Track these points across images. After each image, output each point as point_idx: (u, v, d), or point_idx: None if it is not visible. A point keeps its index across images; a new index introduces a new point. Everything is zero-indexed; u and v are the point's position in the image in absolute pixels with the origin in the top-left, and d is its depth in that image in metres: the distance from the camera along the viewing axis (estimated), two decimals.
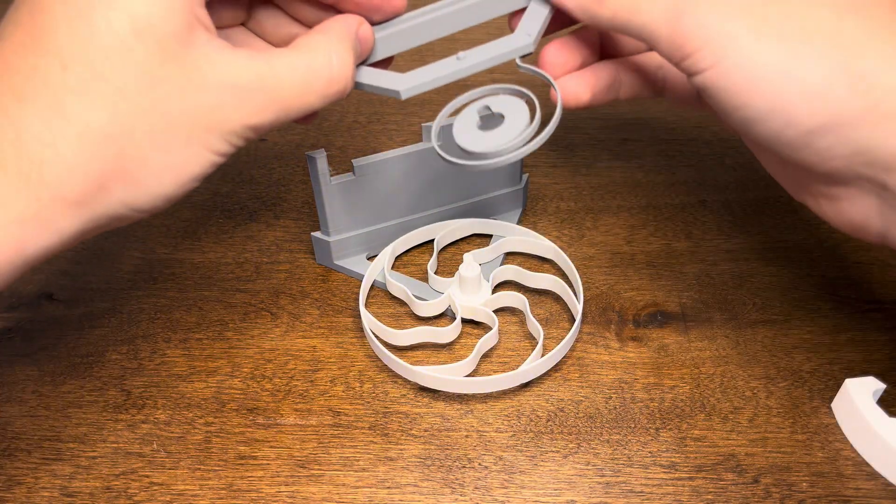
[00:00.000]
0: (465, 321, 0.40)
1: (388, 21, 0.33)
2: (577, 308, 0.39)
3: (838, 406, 0.35)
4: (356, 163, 0.39)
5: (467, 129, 0.31)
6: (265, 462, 0.35)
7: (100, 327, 0.40)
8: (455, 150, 0.32)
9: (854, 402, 0.34)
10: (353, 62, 0.31)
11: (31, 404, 0.37)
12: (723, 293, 0.41)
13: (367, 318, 0.38)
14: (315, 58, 0.29)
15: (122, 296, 0.42)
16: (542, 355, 0.37)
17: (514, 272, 0.41)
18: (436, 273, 0.41)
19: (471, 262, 0.39)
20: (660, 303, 0.41)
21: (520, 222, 0.45)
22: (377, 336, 0.38)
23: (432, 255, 0.42)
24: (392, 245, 0.42)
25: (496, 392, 0.37)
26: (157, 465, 0.35)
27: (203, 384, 0.38)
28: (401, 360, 0.37)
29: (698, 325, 0.39)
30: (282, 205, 0.47)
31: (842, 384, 0.35)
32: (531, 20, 0.33)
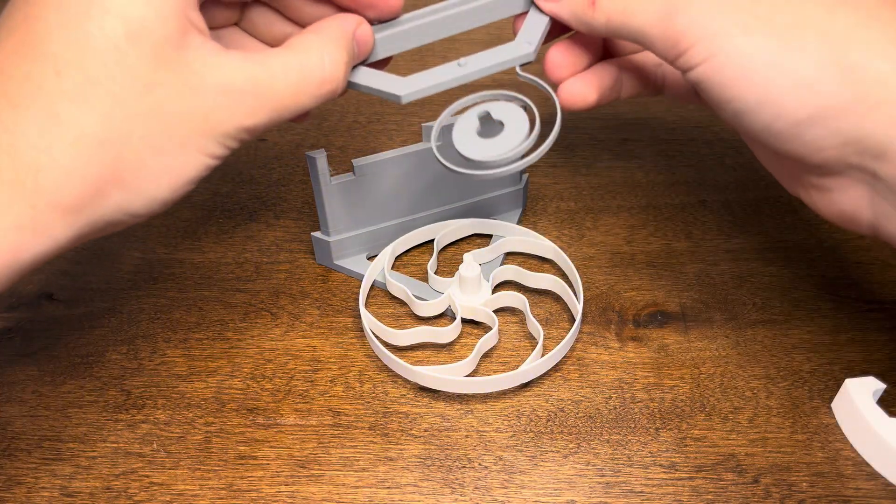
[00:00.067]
0: (465, 321, 0.40)
1: (386, 21, 0.33)
2: (577, 308, 0.39)
3: (838, 406, 0.35)
4: (356, 163, 0.39)
5: (467, 135, 0.32)
6: (265, 462, 0.35)
7: (100, 327, 0.40)
8: (454, 152, 0.32)
9: (854, 402, 0.34)
10: (347, 62, 0.31)
11: (31, 404, 0.37)
12: (723, 293, 0.41)
13: (367, 318, 0.38)
14: (308, 58, 0.29)
15: (122, 296, 0.42)
16: (542, 355, 0.37)
17: (514, 272, 0.41)
18: (436, 273, 0.41)
19: (471, 262, 0.39)
20: (660, 303, 0.41)
21: (520, 222, 0.45)
22: (377, 336, 0.38)
23: (432, 255, 0.42)
24: (392, 245, 0.42)
25: (496, 392, 0.37)
26: (157, 465, 0.35)
27: (203, 384, 0.38)
28: (401, 360, 0.37)
29: (698, 325, 0.39)
30: (282, 205, 0.47)
31: (842, 384, 0.35)
32: (531, 28, 0.33)
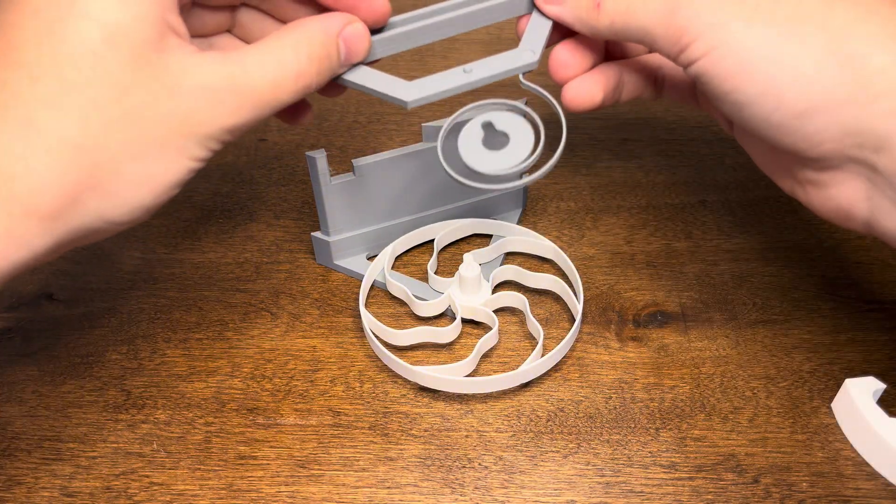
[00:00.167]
0: (465, 321, 0.40)
1: (371, 26, 0.33)
2: (577, 308, 0.39)
3: (838, 406, 0.35)
4: (356, 163, 0.39)
5: (472, 145, 0.32)
6: (265, 462, 0.35)
7: (100, 327, 0.40)
8: (456, 157, 0.32)
9: (854, 402, 0.34)
10: (322, 57, 0.30)
11: (31, 404, 0.37)
12: (723, 293, 0.41)
13: (367, 318, 0.38)
14: (283, 52, 0.29)
15: (122, 296, 0.42)
16: (542, 355, 0.37)
17: (514, 272, 0.41)
18: (436, 273, 0.41)
19: (471, 262, 0.39)
20: (660, 303, 0.41)
21: (520, 222, 0.45)
22: (377, 336, 0.38)
23: (432, 255, 0.42)
24: (392, 245, 0.42)
25: (496, 392, 0.37)
26: (157, 465, 0.35)
27: (203, 384, 0.38)
28: (401, 360, 0.37)
29: (698, 325, 0.39)
30: (282, 205, 0.47)
31: (842, 384, 0.35)
32: (534, 35, 0.33)
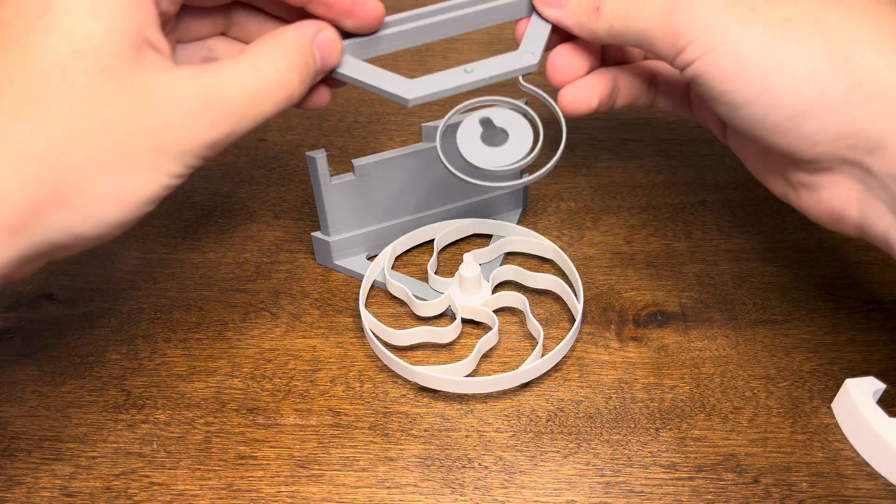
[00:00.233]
0: (465, 321, 0.40)
1: (368, 34, 0.33)
2: (577, 308, 0.39)
3: (838, 406, 0.35)
4: (356, 163, 0.39)
5: (471, 141, 0.33)
6: (265, 462, 0.35)
7: (100, 327, 0.40)
8: (454, 154, 0.32)
9: (854, 402, 0.34)
10: (301, 66, 0.30)
11: (31, 404, 0.37)
12: (723, 293, 0.41)
13: (367, 318, 0.38)
14: (261, 64, 0.29)
15: (122, 296, 0.42)
16: (542, 355, 0.37)
17: (514, 272, 0.41)
18: (436, 273, 0.41)
19: (471, 262, 0.39)
20: (660, 303, 0.41)
21: (520, 222, 0.45)
22: (377, 336, 0.38)
23: (432, 255, 0.42)
24: (392, 245, 0.42)
25: (496, 392, 0.37)
26: (157, 465, 0.35)
27: (203, 384, 0.38)
28: (401, 360, 0.37)
29: (698, 325, 0.39)
30: (282, 205, 0.47)
31: (842, 384, 0.35)
32: (534, 36, 0.34)
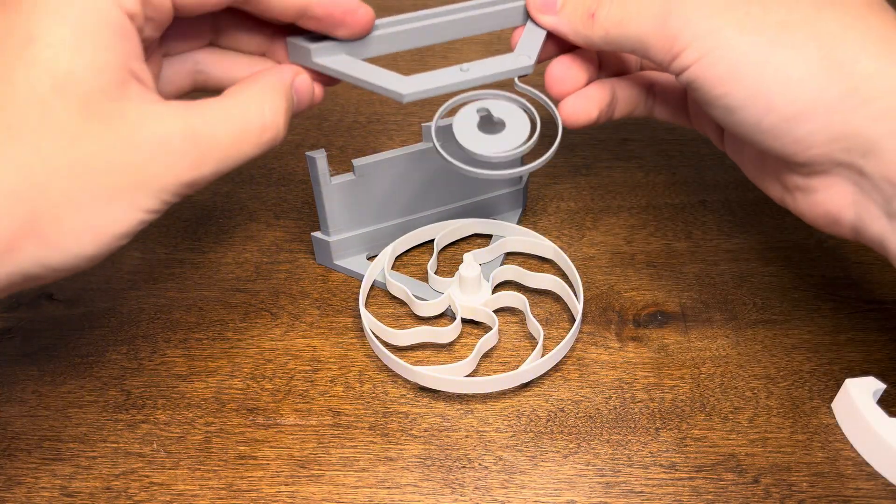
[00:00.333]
0: (465, 321, 0.40)
1: (358, 40, 0.33)
2: (577, 308, 0.39)
3: (838, 406, 0.35)
4: (356, 163, 0.39)
5: (468, 130, 0.33)
6: (265, 462, 0.35)
7: (100, 327, 0.40)
8: (452, 149, 0.32)
9: (854, 402, 0.34)
10: (286, 109, 0.30)
11: (31, 404, 0.37)
12: (723, 293, 0.41)
13: (367, 318, 0.38)
14: (248, 106, 0.29)
15: (122, 296, 0.42)
16: (542, 355, 0.37)
17: (514, 272, 0.41)
18: (436, 273, 0.41)
19: (471, 262, 0.39)
20: (660, 303, 0.41)
21: (520, 222, 0.45)
22: (377, 336, 0.38)
23: (432, 255, 0.42)
24: (392, 245, 0.42)
25: (496, 392, 0.37)
26: (157, 465, 0.35)
27: (203, 384, 0.38)
28: (401, 360, 0.37)
29: (698, 325, 0.39)
30: (282, 205, 0.47)
31: (842, 384, 0.35)
32: (530, 41, 0.34)
